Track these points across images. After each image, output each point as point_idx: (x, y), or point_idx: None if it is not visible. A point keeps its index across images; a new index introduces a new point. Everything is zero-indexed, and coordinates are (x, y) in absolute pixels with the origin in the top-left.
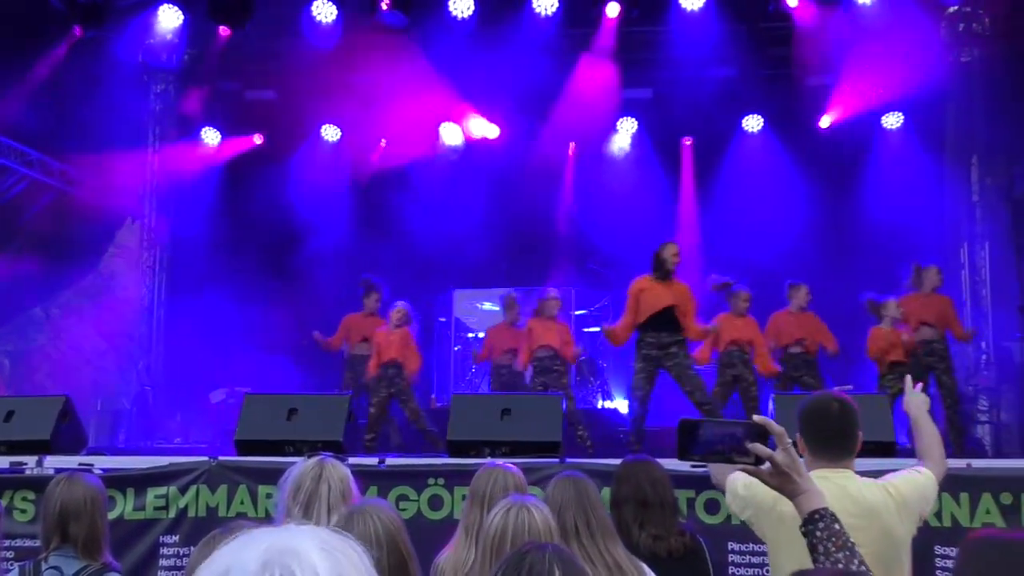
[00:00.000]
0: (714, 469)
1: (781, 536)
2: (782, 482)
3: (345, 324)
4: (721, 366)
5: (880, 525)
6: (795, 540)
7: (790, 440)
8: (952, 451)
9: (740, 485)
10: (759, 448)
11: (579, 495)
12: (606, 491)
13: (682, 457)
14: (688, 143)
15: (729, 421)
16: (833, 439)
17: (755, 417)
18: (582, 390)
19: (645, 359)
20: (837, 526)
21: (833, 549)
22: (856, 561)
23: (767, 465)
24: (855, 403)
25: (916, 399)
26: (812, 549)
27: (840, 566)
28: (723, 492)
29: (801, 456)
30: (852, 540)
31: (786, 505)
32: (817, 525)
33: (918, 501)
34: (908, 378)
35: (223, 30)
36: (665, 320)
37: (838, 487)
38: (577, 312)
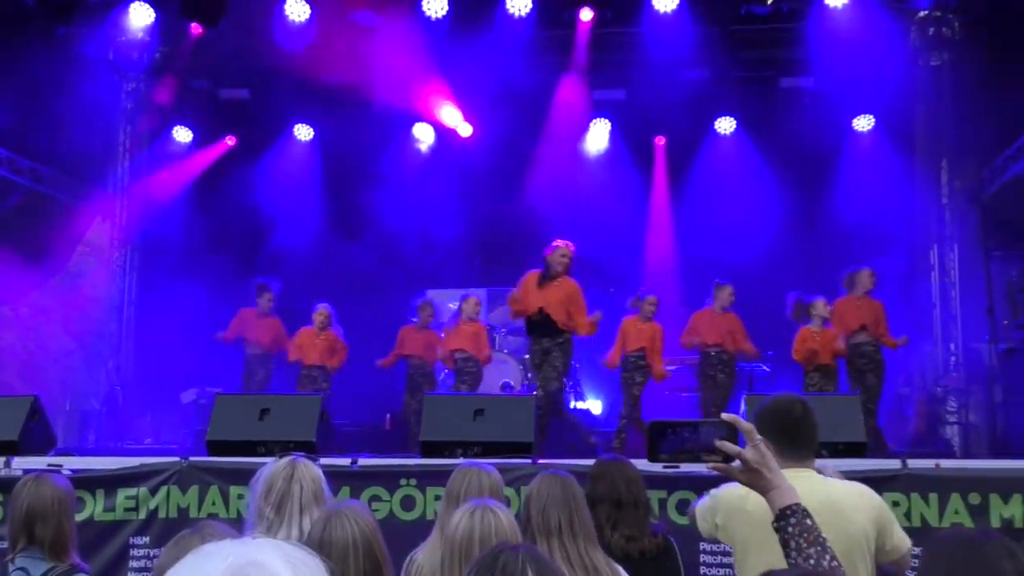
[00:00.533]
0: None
1: (751, 536)
2: (753, 478)
3: (240, 319)
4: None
5: (842, 524)
6: (766, 540)
7: (760, 437)
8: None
9: (706, 499)
10: (728, 446)
11: (565, 494)
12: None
13: (652, 458)
14: (661, 143)
15: (699, 421)
16: (796, 439)
17: (724, 415)
18: None
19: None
20: (809, 521)
21: (805, 544)
22: (828, 556)
23: (737, 463)
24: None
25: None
26: (784, 544)
27: (812, 561)
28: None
29: None
30: (824, 536)
31: (755, 504)
32: (789, 521)
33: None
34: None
35: (195, 28)
36: (542, 323)
37: (801, 484)
38: None
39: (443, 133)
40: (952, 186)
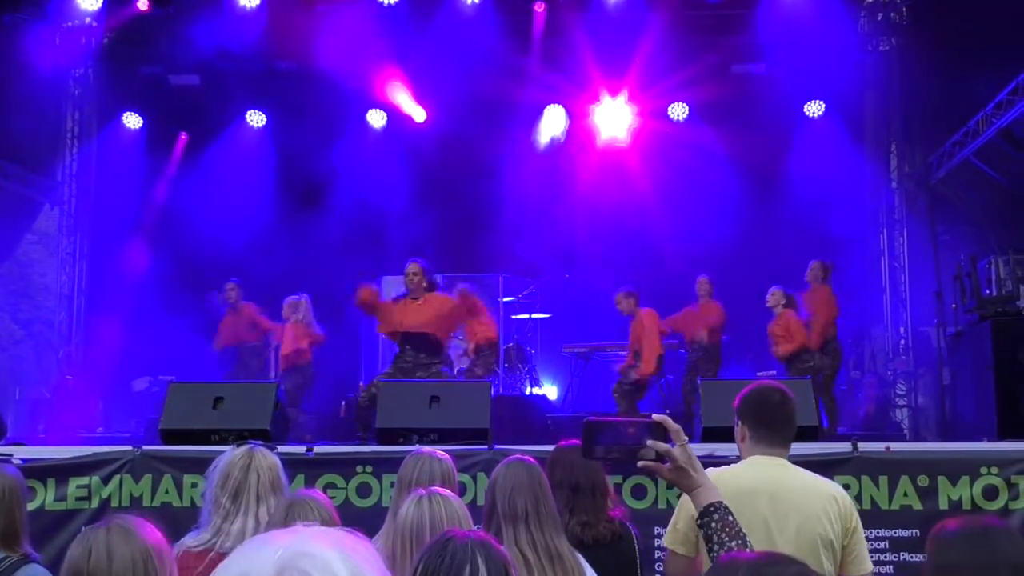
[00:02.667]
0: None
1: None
2: (679, 476)
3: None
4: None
5: (804, 508)
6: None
7: (687, 438)
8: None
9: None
10: (659, 445)
11: (531, 480)
12: None
13: (587, 456)
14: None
15: (630, 420)
16: (774, 427)
17: (655, 416)
18: (510, 376)
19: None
20: (730, 518)
21: (727, 539)
22: (747, 549)
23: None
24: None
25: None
26: (707, 539)
27: None
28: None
29: (741, 441)
30: (744, 531)
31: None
32: (712, 517)
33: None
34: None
35: (145, 5)
36: (420, 340)
37: (772, 471)
38: (505, 299)
39: (397, 119)
40: (901, 171)
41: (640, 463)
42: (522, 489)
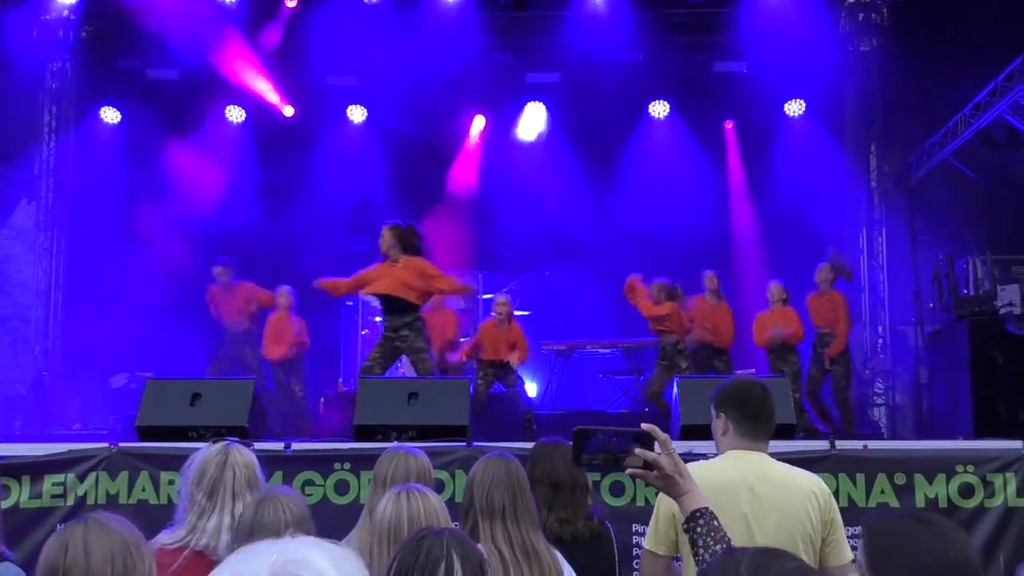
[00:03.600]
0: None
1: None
2: (667, 484)
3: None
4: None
5: (783, 501)
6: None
7: (674, 447)
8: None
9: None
10: (646, 453)
11: (510, 476)
12: None
13: (576, 462)
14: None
15: (619, 429)
16: (756, 421)
17: (643, 425)
18: None
19: (382, 340)
20: (716, 522)
21: (712, 543)
22: None
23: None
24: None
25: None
26: (693, 544)
27: None
28: None
29: (723, 435)
30: (728, 536)
31: (707, 478)
32: (698, 522)
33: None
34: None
35: None
36: (393, 303)
37: (752, 464)
38: (485, 296)
39: (377, 112)
40: (881, 171)
41: (628, 471)
42: (500, 485)
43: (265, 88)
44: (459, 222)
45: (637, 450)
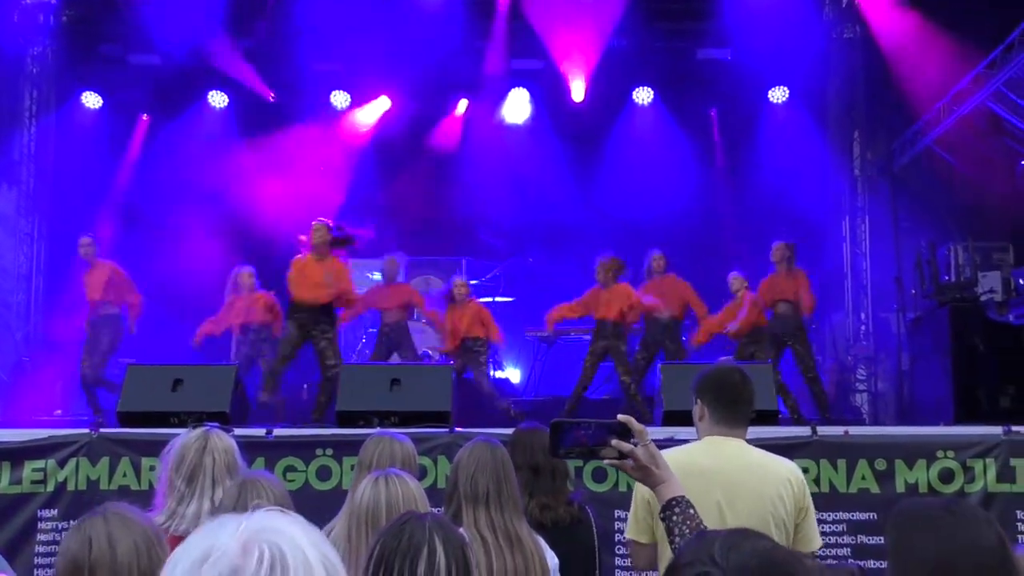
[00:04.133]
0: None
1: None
2: (643, 474)
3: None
4: None
5: (758, 486)
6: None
7: (650, 438)
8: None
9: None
10: (623, 445)
11: (495, 462)
12: None
13: (553, 454)
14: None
15: (596, 421)
16: (733, 407)
17: (620, 416)
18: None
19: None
20: (691, 511)
21: (687, 531)
22: None
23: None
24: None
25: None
26: (669, 532)
27: None
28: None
29: (700, 420)
30: (704, 524)
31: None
32: (674, 511)
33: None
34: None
35: None
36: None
37: (729, 451)
38: (470, 282)
39: (360, 101)
40: (864, 158)
41: (605, 461)
42: (485, 470)
43: (248, 74)
44: (442, 208)
45: (613, 441)
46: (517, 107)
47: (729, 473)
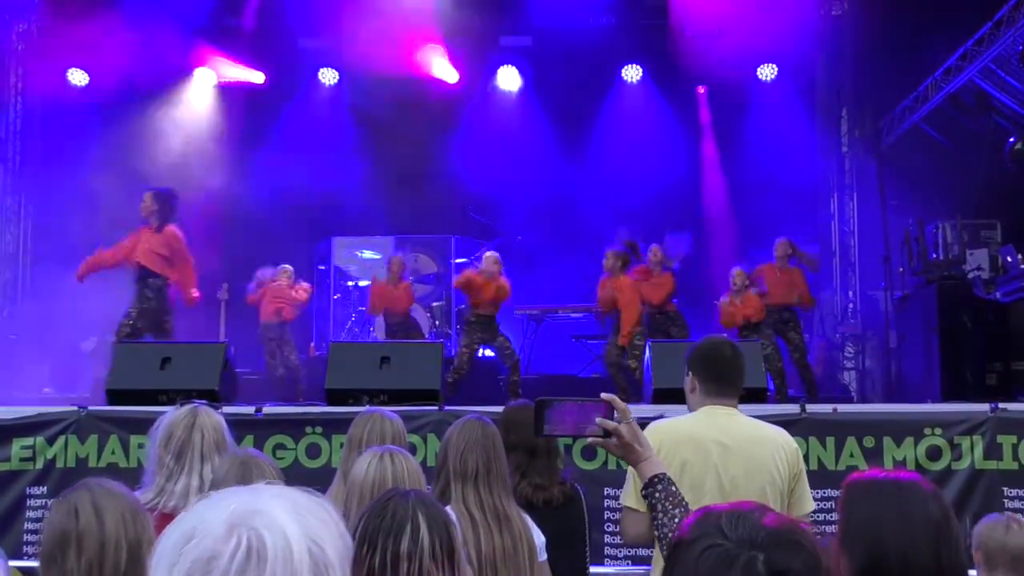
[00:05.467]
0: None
1: (690, 456)
2: (626, 452)
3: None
4: None
5: (754, 453)
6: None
7: (633, 416)
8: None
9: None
10: (606, 423)
11: (485, 440)
12: None
13: (538, 433)
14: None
15: (580, 399)
16: (724, 378)
17: (603, 395)
18: (463, 338)
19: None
20: (673, 488)
21: (670, 507)
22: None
23: (614, 438)
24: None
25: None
26: (652, 508)
27: (676, 521)
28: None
29: (691, 392)
30: (686, 500)
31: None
32: (656, 488)
33: (794, 477)
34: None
35: None
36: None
37: (723, 419)
38: (457, 260)
39: (349, 78)
40: (852, 136)
41: (589, 440)
42: (475, 448)
43: (236, 51)
44: (431, 187)
45: (598, 419)
46: (506, 84)
47: (724, 440)
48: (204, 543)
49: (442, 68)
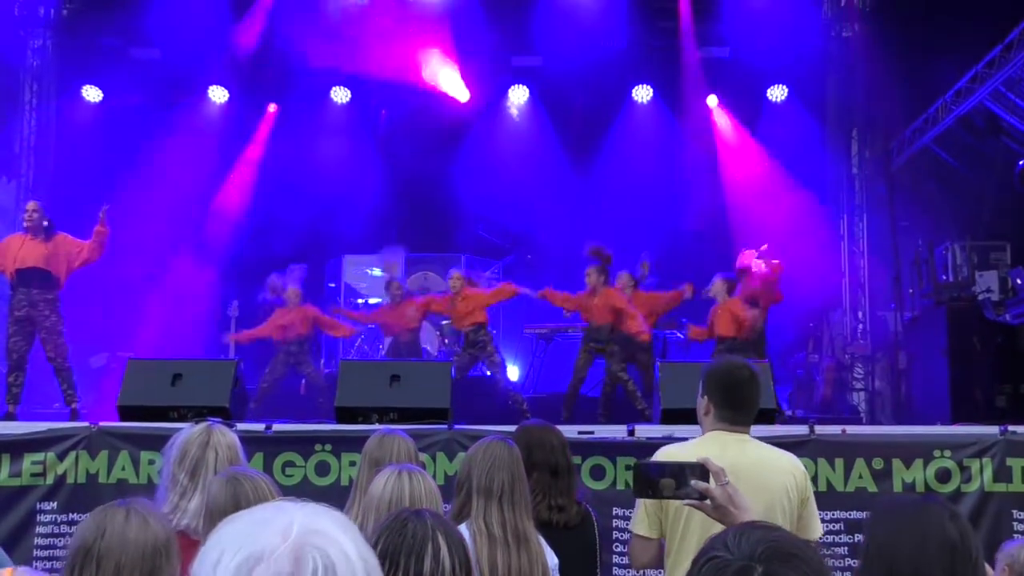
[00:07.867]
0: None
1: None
2: (721, 514)
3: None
4: None
5: (765, 480)
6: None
7: (727, 479)
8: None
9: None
10: (701, 485)
11: (512, 460)
12: None
13: (639, 495)
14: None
15: (676, 462)
16: (739, 404)
17: (698, 457)
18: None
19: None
20: None
21: None
22: None
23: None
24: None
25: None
26: None
27: None
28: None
29: (705, 415)
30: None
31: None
32: None
33: (803, 503)
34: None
35: None
36: (33, 276)
37: (734, 445)
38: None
39: (362, 97)
40: (862, 157)
41: (684, 502)
42: (502, 467)
43: (248, 69)
44: (441, 205)
45: (693, 482)
46: (517, 103)
47: (735, 467)
48: (278, 566)
49: (453, 87)
